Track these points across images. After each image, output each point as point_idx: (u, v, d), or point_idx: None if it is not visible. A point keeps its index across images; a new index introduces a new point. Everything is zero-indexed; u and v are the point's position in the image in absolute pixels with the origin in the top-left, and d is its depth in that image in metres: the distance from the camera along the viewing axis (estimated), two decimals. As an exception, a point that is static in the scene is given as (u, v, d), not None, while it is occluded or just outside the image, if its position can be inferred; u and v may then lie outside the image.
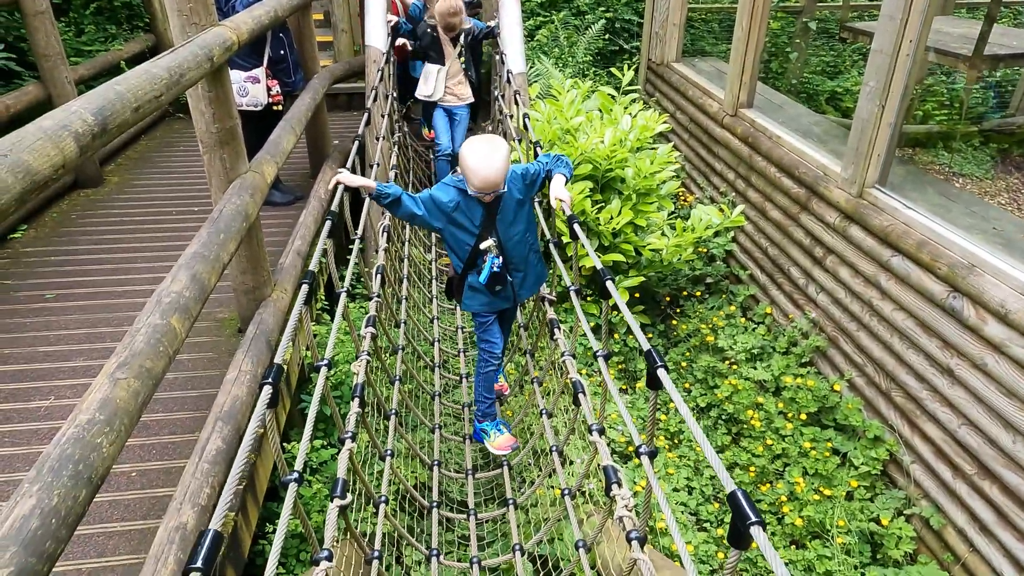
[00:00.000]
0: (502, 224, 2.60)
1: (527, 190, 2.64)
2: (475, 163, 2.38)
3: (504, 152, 2.41)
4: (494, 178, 2.39)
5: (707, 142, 5.66)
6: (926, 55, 4.99)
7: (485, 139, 2.45)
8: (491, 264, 2.61)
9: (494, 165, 2.38)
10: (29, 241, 4.05)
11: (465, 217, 2.58)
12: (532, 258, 2.78)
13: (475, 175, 2.39)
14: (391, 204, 2.58)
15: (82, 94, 4.87)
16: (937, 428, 3.18)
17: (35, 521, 1.23)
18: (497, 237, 2.60)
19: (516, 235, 2.65)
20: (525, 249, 2.72)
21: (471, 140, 2.43)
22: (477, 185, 2.41)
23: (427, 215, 2.57)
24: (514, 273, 2.74)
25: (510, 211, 2.60)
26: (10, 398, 2.77)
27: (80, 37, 6.04)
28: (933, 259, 3.14)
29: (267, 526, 2.70)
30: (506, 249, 2.65)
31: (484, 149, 2.40)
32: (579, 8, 8.40)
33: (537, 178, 2.66)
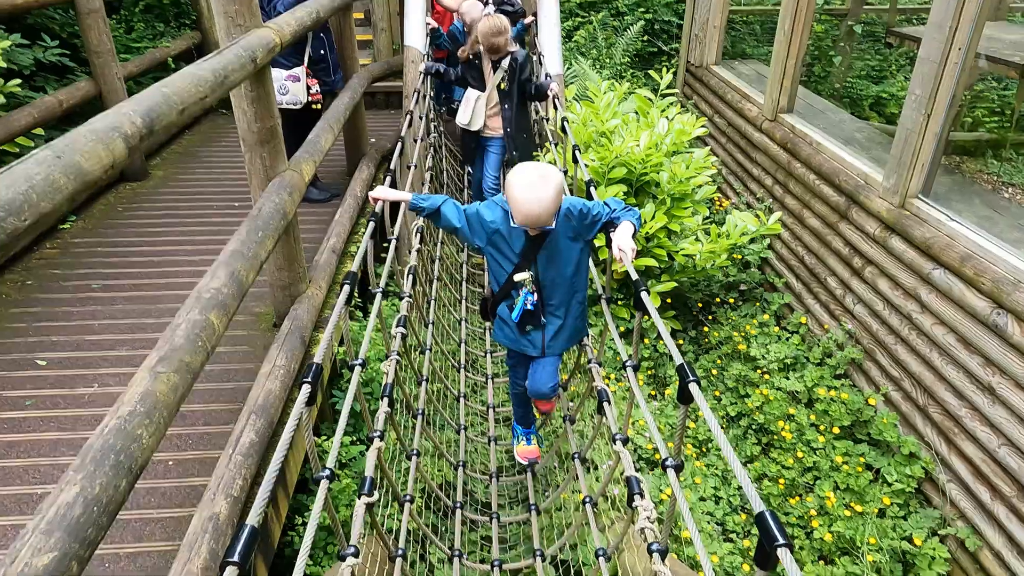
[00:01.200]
0: (545, 260, 2.32)
1: (583, 230, 2.29)
2: (520, 194, 2.08)
3: (555, 185, 2.08)
4: (538, 214, 2.09)
5: (745, 147, 5.59)
6: (976, 63, 4.84)
7: (536, 168, 2.13)
8: (524, 300, 2.37)
9: (541, 200, 2.06)
10: (77, 232, 4.20)
11: (505, 243, 2.32)
12: (575, 308, 2.47)
13: (518, 208, 2.10)
14: (431, 216, 2.38)
15: (131, 92, 5.00)
16: (976, 447, 3.09)
17: (78, 508, 1.28)
18: (536, 272, 2.33)
19: (559, 276, 2.35)
20: (567, 294, 2.41)
21: (521, 166, 2.13)
22: (519, 220, 2.14)
23: (468, 230, 2.33)
24: (550, 317, 2.45)
25: (558, 249, 2.30)
26: (56, 384, 2.88)
27: (130, 34, 6.22)
28: (977, 273, 3.05)
29: (296, 518, 2.76)
30: (543, 287, 2.38)
31: (531, 179, 2.08)
32: (618, 9, 8.35)
33: (598, 220, 2.28)
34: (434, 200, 2.36)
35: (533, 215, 2.09)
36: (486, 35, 4.17)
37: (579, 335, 2.58)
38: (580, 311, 2.50)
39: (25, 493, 2.35)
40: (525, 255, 2.31)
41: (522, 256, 2.31)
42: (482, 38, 4.19)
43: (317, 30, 4.41)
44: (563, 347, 2.57)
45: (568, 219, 2.24)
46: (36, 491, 2.36)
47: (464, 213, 2.33)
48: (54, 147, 1.34)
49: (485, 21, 4.18)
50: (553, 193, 2.08)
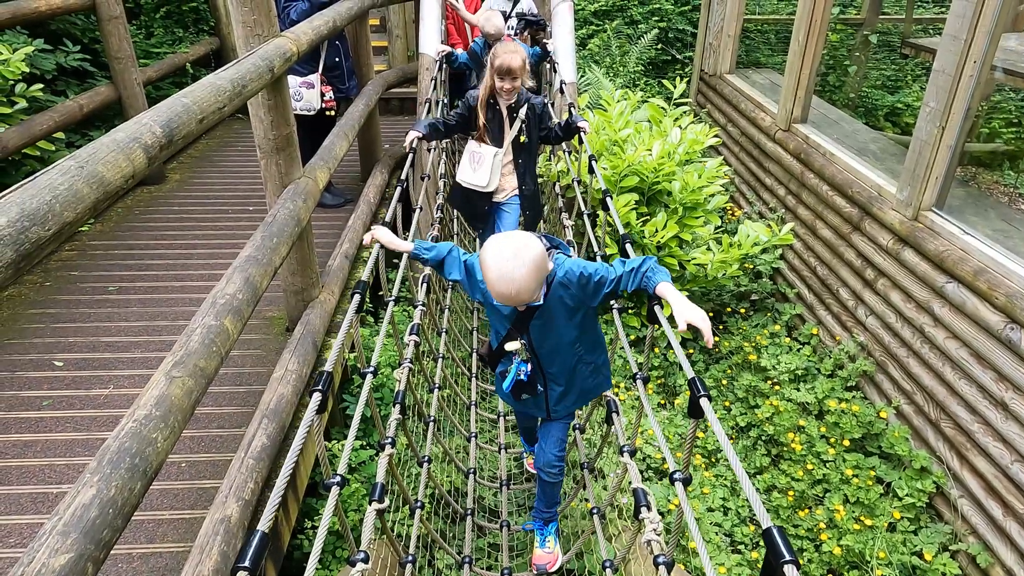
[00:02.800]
0: (539, 329, 2.06)
1: (586, 297, 1.99)
2: (490, 275, 1.79)
3: (531, 261, 1.77)
4: (514, 295, 1.79)
5: (758, 156, 5.58)
6: (992, 75, 4.81)
7: (509, 242, 1.80)
8: (516, 370, 2.12)
9: (514, 280, 1.76)
10: (95, 235, 4.26)
11: (496, 306, 2.06)
12: (582, 370, 2.19)
13: (493, 289, 1.82)
14: (435, 268, 2.18)
15: (150, 96, 5.07)
16: (988, 463, 3.06)
17: (94, 510, 1.31)
18: (528, 341, 2.08)
19: (558, 345, 2.10)
20: (570, 360, 2.15)
21: (492, 241, 1.81)
22: (497, 299, 1.85)
23: (467, 284, 2.11)
24: (551, 384, 2.21)
25: (552, 320, 2.03)
26: (72, 385, 2.93)
27: (150, 40, 6.32)
28: (991, 288, 3.03)
29: (305, 521, 2.79)
30: (539, 357, 2.14)
31: (502, 256, 1.77)
32: (632, 17, 8.37)
33: (603, 285, 1.95)
34: (439, 251, 2.13)
35: (508, 296, 1.81)
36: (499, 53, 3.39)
37: (593, 393, 2.30)
38: (591, 371, 2.22)
39: (41, 492, 2.39)
40: (516, 324, 2.06)
41: (513, 325, 2.07)
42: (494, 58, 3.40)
43: (332, 37, 4.46)
44: (575, 407, 2.32)
45: (565, 287, 1.96)
46: (52, 491, 2.40)
47: (464, 265, 2.10)
48: (77, 157, 1.38)
49: (500, 44, 3.52)
50: (527, 271, 1.77)
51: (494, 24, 4.51)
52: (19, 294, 3.56)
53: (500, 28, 4.51)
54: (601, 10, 8.34)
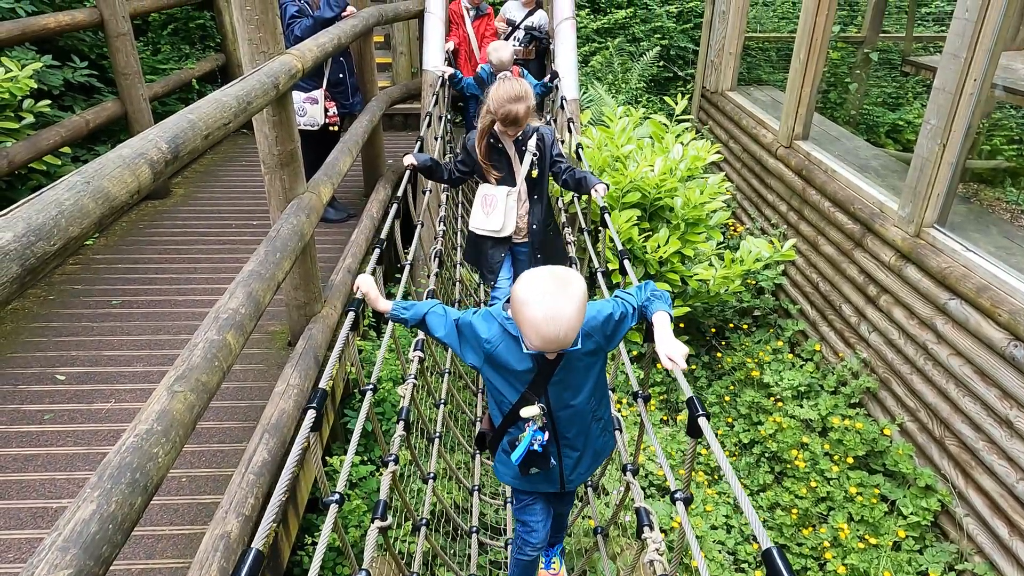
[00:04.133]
0: (559, 388, 1.81)
1: (605, 341, 1.82)
2: (535, 314, 1.55)
3: (580, 294, 1.59)
4: (563, 336, 1.57)
5: (760, 173, 5.60)
6: (992, 93, 4.84)
7: (551, 275, 1.61)
8: (530, 439, 1.83)
9: (564, 317, 1.55)
10: (99, 248, 4.28)
11: (508, 366, 1.79)
12: (594, 428, 1.97)
13: (535, 331, 1.58)
14: (417, 327, 1.94)
15: (156, 112, 5.09)
16: (993, 481, 3.04)
17: (94, 526, 1.30)
18: (547, 404, 1.82)
19: (577, 403, 1.86)
20: (586, 419, 1.92)
21: (531, 275, 1.62)
22: (536, 344, 1.62)
23: (456, 343, 1.86)
24: (566, 451, 1.95)
25: (576, 371, 1.81)
26: (74, 399, 2.93)
27: (156, 56, 6.38)
28: (994, 305, 3.03)
29: (306, 537, 2.77)
30: (558, 422, 1.87)
31: (547, 290, 1.56)
32: (634, 35, 8.44)
33: (623, 322, 1.83)
34: (418, 309, 1.92)
35: (556, 338, 1.56)
36: (501, 100, 3.02)
37: (603, 454, 2.08)
38: (600, 430, 2.01)
39: (41, 507, 2.38)
40: (534, 384, 1.79)
41: (531, 384, 1.79)
42: (496, 104, 3.04)
43: (337, 54, 4.51)
44: (587, 475, 2.07)
45: (588, 336, 1.76)
46: (52, 505, 2.39)
47: (455, 323, 1.86)
48: (83, 173, 1.39)
49: (500, 85, 3.06)
50: (578, 305, 1.57)
51: (499, 57, 4.41)
52: (22, 307, 3.57)
53: (505, 62, 4.40)
54: (603, 28, 8.42)
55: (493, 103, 3.03)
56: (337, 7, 4.27)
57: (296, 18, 4.22)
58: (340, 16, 4.27)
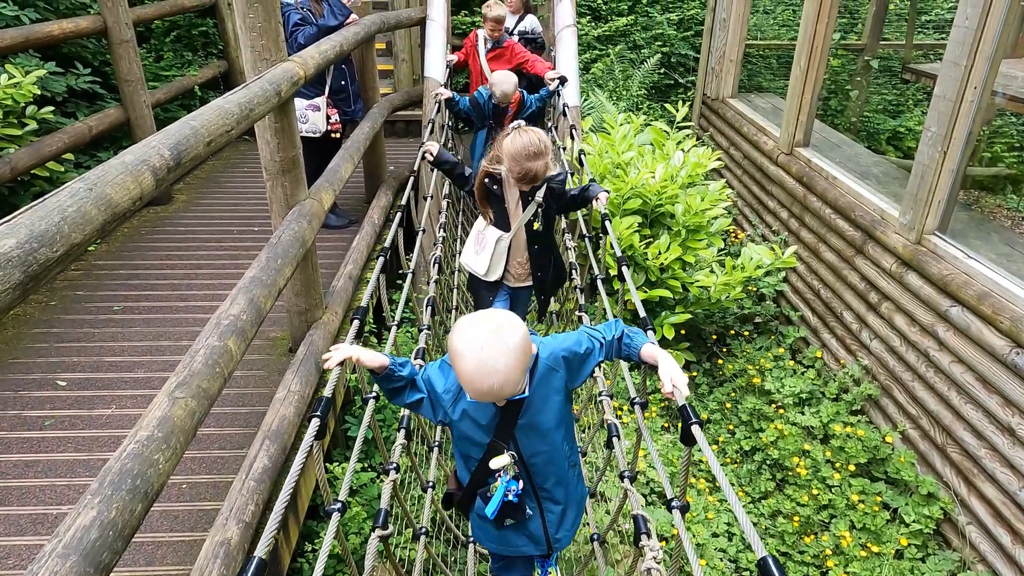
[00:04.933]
0: (527, 432, 1.69)
1: (573, 377, 1.70)
2: (467, 366, 1.46)
3: (514, 344, 1.46)
4: (498, 387, 1.47)
5: (761, 180, 5.61)
6: (993, 100, 4.85)
7: (485, 320, 1.49)
8: (503, 489, 1.71)
9: (497, 369, 1.44)
10: (101, 254, 4.28)
11: (469, 417, 1.67)
12: (571, 476, 1.83)
13: (469, 385, 1.49)
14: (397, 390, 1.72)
15: (158, 119, 5.11)
16: (996, 489, 3.03)
17: (95, 533, 1.30)
18: (517, 451, 1.69)
19: (551, 449, 1.73)
20: (562, 467, 1.78)
21: (464, 322, 1.51)
22: (475, 397, 1.55)
23: (426, 406, 1.72)
24: (547, 505, 1.81)
25: (543, 413, 1.68)
26: (75, 405, 2.93)
27: (159, 63, 6.41)
28: (995, 312, 3.03)
29: (306, 544, 2.76)
30: (532, 471, 1.74)
31: (479, 340, 1.45)
32: (635, 42, 8.48)
33: (590, 357, 1.72)
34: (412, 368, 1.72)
35: (491, 390, 1.47)
36: (518, 157, 2.69)
37: (583, 505, 1.98)
38: (577, 476, 1.88)
39: (41, 513, 2.38)
40: (500, 431, 1.67)
41: (496, 432, 1.67)
42: (511, 161, 2.72)
43: (339, 61, 4.52)
44: (573, 532, 1.93)
45: (553, 371, 1.66)
46: (52, 512, 2.38)
47: (423, 383, 1.72)
48: (86, 179, 1.39)
49: (516, 137, 2.68)
50: (512, 357, 1.45)
51: (503, 90, 4.25)
52: (24, 313, 3.57)
53: (508, 95, 4.27)
54: (604, 35, 8.45)
55: (508, 159, 2.71)
56: (341, 15, 4.29)
57: (300, 26, 4.24)
58: (343, 24, 4.29)
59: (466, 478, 1.82)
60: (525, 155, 2.67)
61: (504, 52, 5.02)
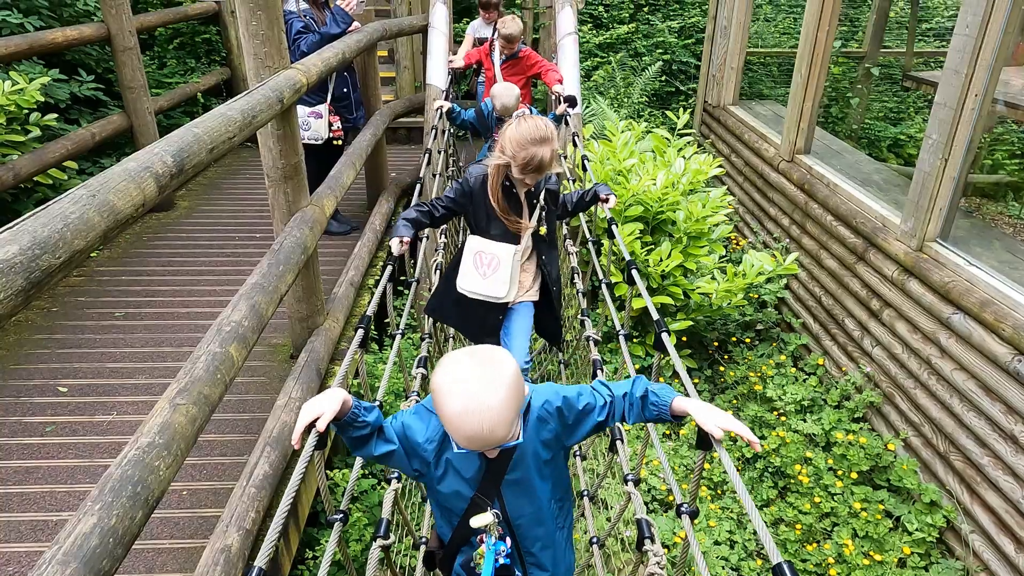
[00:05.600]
0: (515, 490, 1.53)
1: (566, 432, 1.53)
2: (454, 407, 1.29)
3: (506, 383, 1.30)
4: (486, 433, 1.29)
5: (762, 187, 5.61)
6: (994, 108, 4.86)
7: (472, 359, 1.34)
8: (493, 554, 1.55)
9: (489, 409, 1.28)
10: (103, 261, 4.29)
11: (453, 469, 1.51)
12: (559, 539, 1.67)
13: (455, 428, 1.32)
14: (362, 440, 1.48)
15: (161, 125, 5.11)
16: (999, 497, 3.02)
17: (95, 540, 1.30)
18: (502, 509, 1.54)
19: (538, 509, 1.58)
20: (550, 529, 1.63)
21: (450, 358, 1.36)
22: (461, 443, 1.34)
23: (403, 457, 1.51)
24: (532, 571, 1.66)
25: (529, 469, 1.52)
26: (76, 411, 2.93)
27: (162, 70, 6.44)
28: (997, 319, 3.02)
29: (306, 552, 2.75)
30: (518, 532, 1.59)
31: (467, 375, 1.30)
32: (636, 50, 8.51)
33: (590, 413, 1.52)
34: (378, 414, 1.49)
35: (479, 434, 1.29)
36: (522, 142, 2.43)
37: (572, 571, 1.78)
38: (566, 540, 1.71)
39: (41, 520, 2.37)
40: (484, 487, 1.50)
41: (480, 486, 1.51)
42: (515, 147, 2.45)
43: (341, 68, 4.54)
44: None
45: (543, 422, 1.50)
46: (52, 518, 2.38)
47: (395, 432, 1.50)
48: (89, 186, 1.40)
49: (520, 122, 2.46)
50: (507, 390, 1.30)
51: (503, 103, 4.13)
52: (26, 319, 3.57)
53: (510, 108, 4.08)
54: (606, 43, 8.48)
55: (511, 145, 2.44)
56: (343, 23, 4.31)
57: (302, 33, 4.26)
58: (346, 32, 4.31)
59: (446, 534, 1.64)
60: (530, 139, 2.41)
61: (519, 62, 4.99)
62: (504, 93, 4.18)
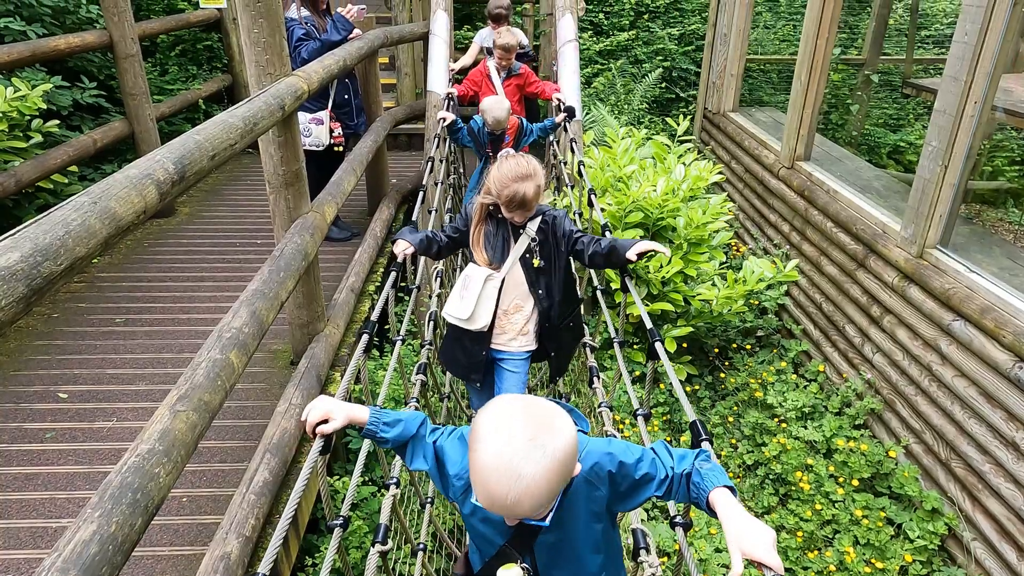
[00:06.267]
0: (550, 551, 1.41)
1: (617, 499, 1.39)
2: (486, 462, 1.14)
3: (554, 459, 1.13)
4: (511, 504, 1.13)
5: (762, 193, 5.62)
6: (993, 115, 4.87)
7: (528, 418, 1.16)
8: None
9: (522, 482, 1.11)
10: (104, 267, 4.30)
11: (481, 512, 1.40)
12: None
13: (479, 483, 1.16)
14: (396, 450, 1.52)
15: (162, 132, 5.13)
16: (1001, 505, 3.01)
17: (94, 547, 1.30)
18: (533, 565, 1.41)
19: (577, 570, 1.46)
20: None
21: (501, 400, 1.22)
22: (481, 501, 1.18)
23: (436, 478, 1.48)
24: None
25: (572, 531, 1.39)
26: (76, 417, 2.92)
27: (164, 76, 6.46)
28: (998, 326, 3.02)
29: (306, 558, 2.75)
30: None
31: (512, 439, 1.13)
32: (636, 56, 8.53)
33: (645, 487, 1.35)
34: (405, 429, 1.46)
35: (504, 502, 1.13)
36: (504, 180, 2.38)
37: None
38: None
39: (41, 527, 2.37)
40: (517, 539, 1.39)
41: (511, 539, 1.40)
42: (498, 186, 2.40)
43: (342, 75, 4.56)
44: None
45: (591, 485, 1.34)
46: (52, 525, 2.37)
47: (433, 449, 1.46)
48: (90, 193, 1.40)
49: (503, 162, 2.42)
50: (550, 467, 1.13)
51: (495, 116, 4.03)
52: (27, 325, 3.58)
53: (501, 121, 4.07)
54: (606, 49, 8.51)
55: (495, 185, 2.40)
56: (344, 30, 4.33)
57: (303, 40, 4.28)
58: (346, 39, 4.32)
59: (476, 564, 1.54)
60: (512, 176, 2.36)
61: (519, 79, 4.95)
62: (494, 107, 4.04)
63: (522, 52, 5.74)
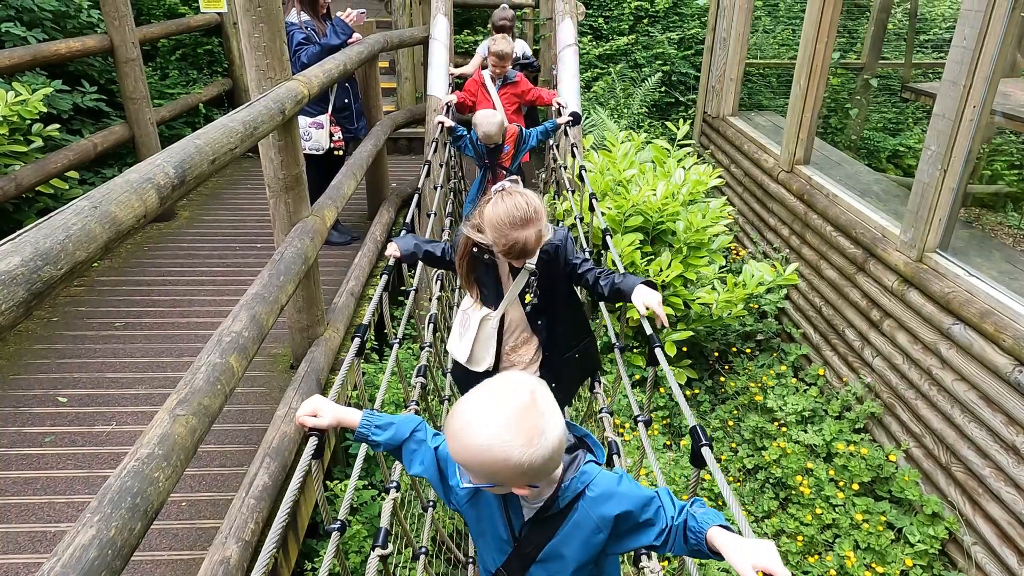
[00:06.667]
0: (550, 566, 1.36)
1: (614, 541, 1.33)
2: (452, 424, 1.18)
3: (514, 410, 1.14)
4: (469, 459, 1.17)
5: (761, 197, 5.62)
6: (992, 119, 4.88)
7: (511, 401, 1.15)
8: None
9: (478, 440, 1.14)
10: (104, 270, 4.30)
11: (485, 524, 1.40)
12: None
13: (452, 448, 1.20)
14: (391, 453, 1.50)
15: (163, 136, 5.13)
16: (1001, 509, 3.01)
17: (93, 552, 1.30)
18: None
19: None
20: None
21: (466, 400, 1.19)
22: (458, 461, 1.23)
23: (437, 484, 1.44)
24: None
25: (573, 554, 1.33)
26: (75, 421, 2.92)
27: (164, 81, 6.47)
28: (997, 330, 3.02)
29: (305, 563, 2.74)
30: None
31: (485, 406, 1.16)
32: (636, 61, 8.56)
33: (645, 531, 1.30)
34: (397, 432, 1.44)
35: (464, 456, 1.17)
36: (501, 227, 2.03)
37: None
38: None
39: (40, 531, 2.37)
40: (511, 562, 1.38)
41: (504, 563, 1.39)
42: (494, 233, 2.06)
43: (342, 79, 4.56)
44: None
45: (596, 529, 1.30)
46: (51, 529, 2.37)
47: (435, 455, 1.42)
48: (91, 197, 1.40)
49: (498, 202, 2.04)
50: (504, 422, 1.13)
51: (486, 131, 3.95)
52: (26, 329, 3.57)
53: (493, 136, 3.99)
54: (606, 54, 8.53)
55: (491, 230, 2.05)
56: (344, 35, 4.33)
57: (303, 45, 4.29)
58: (346, 43, 4.33)
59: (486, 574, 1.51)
60: (510, 223, 2.00)
61: (515, 87, 4.92)
62: (485, 121, 3.91)
63: (525, 63, 5.75)
